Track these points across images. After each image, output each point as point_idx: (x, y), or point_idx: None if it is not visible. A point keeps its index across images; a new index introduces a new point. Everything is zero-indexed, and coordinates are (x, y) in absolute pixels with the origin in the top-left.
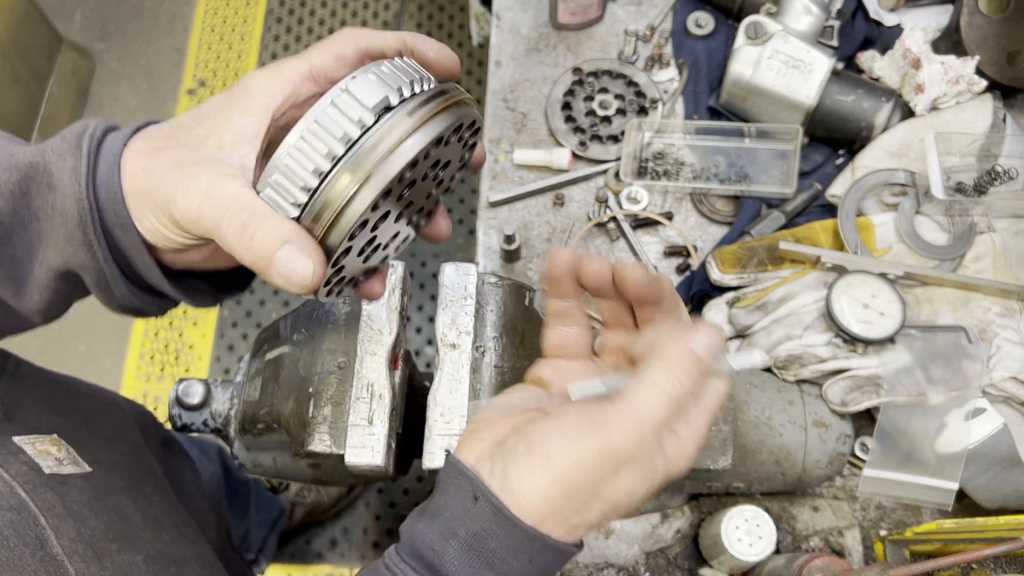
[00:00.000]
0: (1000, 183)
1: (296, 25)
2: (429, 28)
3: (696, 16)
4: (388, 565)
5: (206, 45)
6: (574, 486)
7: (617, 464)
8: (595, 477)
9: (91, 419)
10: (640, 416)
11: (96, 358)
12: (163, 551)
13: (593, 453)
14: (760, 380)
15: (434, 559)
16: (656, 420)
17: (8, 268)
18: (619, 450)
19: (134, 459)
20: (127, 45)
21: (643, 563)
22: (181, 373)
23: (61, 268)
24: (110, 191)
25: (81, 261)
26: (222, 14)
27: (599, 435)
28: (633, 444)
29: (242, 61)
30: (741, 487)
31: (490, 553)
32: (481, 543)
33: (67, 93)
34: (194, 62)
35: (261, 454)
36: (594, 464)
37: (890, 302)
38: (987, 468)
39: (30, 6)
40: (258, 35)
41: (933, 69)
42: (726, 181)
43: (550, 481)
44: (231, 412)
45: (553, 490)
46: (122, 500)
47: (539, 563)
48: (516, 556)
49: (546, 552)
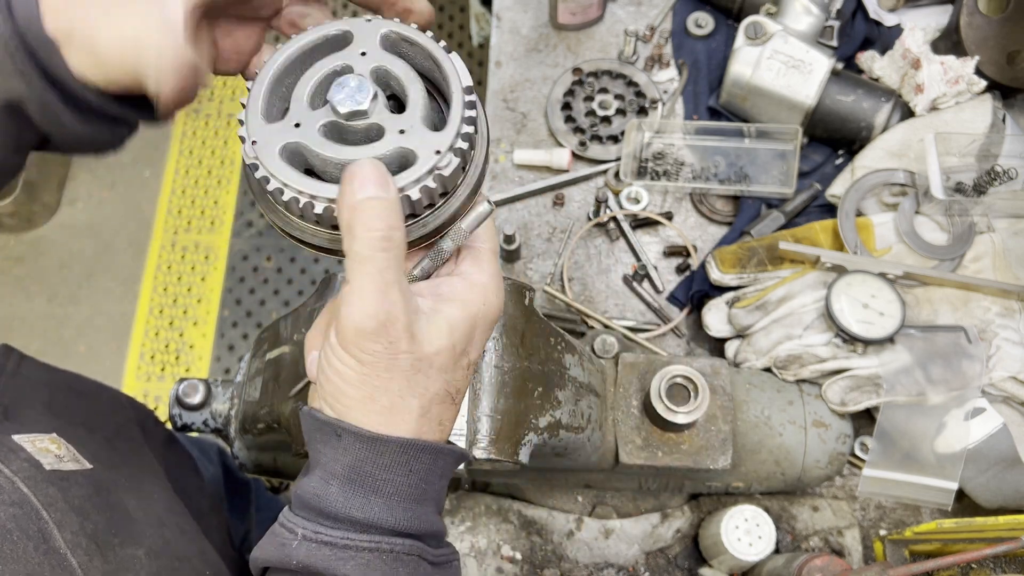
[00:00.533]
0: (1000, 183)
1: None
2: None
3: (696, 16)
4: (282, 523)
5: None
6: (376, 381)
7: (382, 339)
8: (378, 362)
9: (91, 419)
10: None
11: (97, 358)
12: (165, 547)
13: (354, 348)
14: (760, 380)
15: (321, 504)
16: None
17: None
18: (366, 329)
19: (135, 457)
20: None
21: (643, 563)
22: (181, 373)
23: (2, 101)
24: (30, 23)
25: (18, 90)
26: None
27: (345, 329)
28: (375, 318)
29: None
30: (741, 487)
31: (369, 477)
32: (358, 472)
33: None
34: None
35: (261, 454)
36: (365, 353)
37: (890, 302)
38: (986, 468)
39: None
40: None
41: (933, 69)
42: (726, 181)
43: (357, 388)
44: (231, 412)
45: (366, 393)
46: (123, 497)
47: (419, 470)
48: (394, 471)
49: (421, 455)
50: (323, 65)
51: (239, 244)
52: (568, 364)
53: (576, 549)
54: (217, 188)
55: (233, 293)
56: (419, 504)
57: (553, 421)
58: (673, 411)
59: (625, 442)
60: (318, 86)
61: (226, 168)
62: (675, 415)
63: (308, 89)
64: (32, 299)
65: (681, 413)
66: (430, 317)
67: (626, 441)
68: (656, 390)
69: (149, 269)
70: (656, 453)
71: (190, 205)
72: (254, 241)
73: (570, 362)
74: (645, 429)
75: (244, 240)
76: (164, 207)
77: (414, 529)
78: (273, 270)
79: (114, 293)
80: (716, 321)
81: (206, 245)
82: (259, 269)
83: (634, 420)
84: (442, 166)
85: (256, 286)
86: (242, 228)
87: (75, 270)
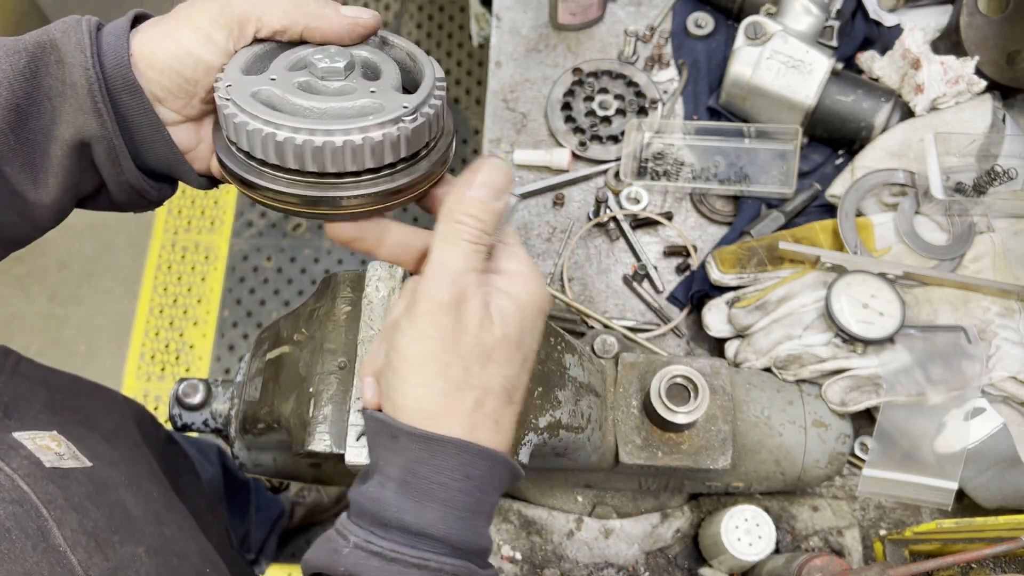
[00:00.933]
0: (999, 183)
1: None
2: (429, 28)
3: (696, 16)
4: (338, 528)
5: None
6: (438, 362)
7: (453, 314)
8: (447, 337)
9: (90, 417)
10: (443, 266)
11: (97, 358)
12: (165, 545)
13: (426, 319)
14: (760, 380)
15: (375, 508)
16: (460, 263)
17: (27, 152)
18: (443, 300)
19: (133, 456)
20: None
21: (643, 563)
22: (182, 373)
23: (75, 140)
24: (117, 56)
25: (92, 130)
26: None
27: (421, 301)
28: (452, 290)
29: None
30: (741, 487)
31: (425, 481)
32: (414, 475)
33: None
34: None
35: (261, 454)
36: (434, 327)
37: (890, 302)
38: (986, 468)
39: (31, 7)
40: None
41: (933, 69)
42: (726, 181)
43: (418, 373)
44: (231, 412)
45: (427, 379)
46: (123, 495)
47: (476, 476)
48: (450, 475)
49: (477, 461)
50: (307, 48)
51: (239, 244)
52: (568, 364)
53: (576, 549)
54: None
55: (233, 293)
56: (474, 516)
57: (553, 421)
58: (673, 411)
59: (625, 442)
60: (298, 60)
61: None
62: (675, 415)
63: (288, 60)
64: (32, 299)
65: (681, 413)
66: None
67: (626, 441)
68: (656, 390)
69: (149, 269)
70: (656, 453)
71: (190, 205)
72: (254, 241)
73: (570, 362)
74: (645, 429)
75: (244, 240)
76: (164, 207)
77: (464, 543)
78: (273, 270)
79: (114, 293)
80: (716, 321)
81: (206, 245)
82: (259, 269)
83: (634, 420)
84: (407, 120)
85: (256, 286)
86: (242, 228)
87: (75, 270)
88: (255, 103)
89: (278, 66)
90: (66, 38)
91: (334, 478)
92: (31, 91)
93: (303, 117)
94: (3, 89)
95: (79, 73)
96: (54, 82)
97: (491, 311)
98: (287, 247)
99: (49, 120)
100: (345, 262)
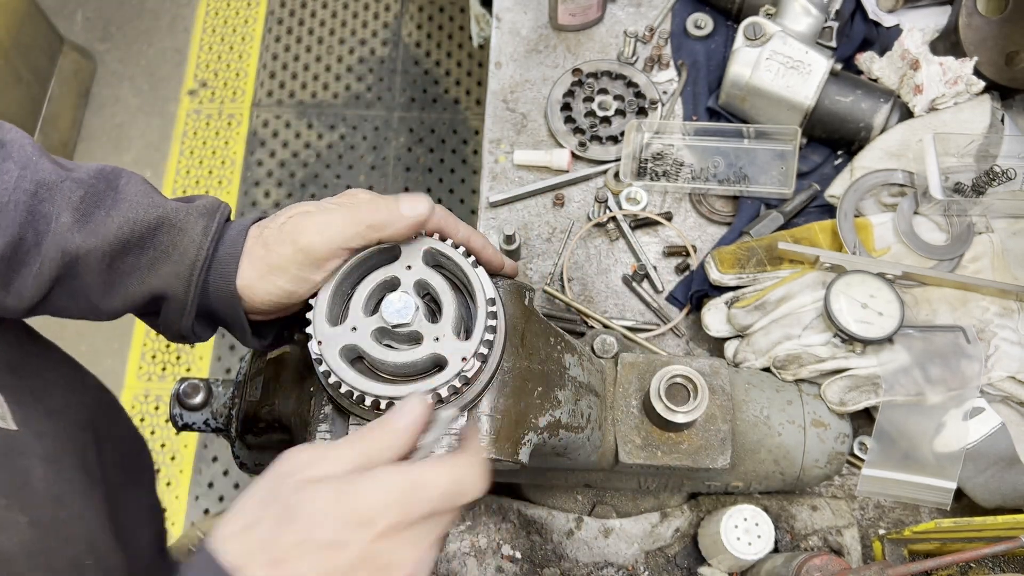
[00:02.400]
0: (998, 183)
1: (297, 26)
2: (429, 29)
3: (695, 17)
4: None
5: (207, 46)
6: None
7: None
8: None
9: (42, 389)
10: None
11: (98, 357)
12: (54, 524)
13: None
14: (759, 380)
15: None
16: None
17: (111, 276)
18: None
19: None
20: (128, 46)
21: (642, 562)
22: (182, 372)
23: (155, 292)
24: (232, 248)
25: (175, 293)
26: (223, 15)
27: None
28: None
29: (243, 62)
30: (740, 486)
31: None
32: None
33: (69, 94)
34: (195, 63)
35: (262, 453)
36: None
37: (889, 302)
38: (985, 467)
39: (32, 7)
40: (259, 36)
41: (931, 70)
42: (725, 182)
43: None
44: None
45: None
46: (32, 464)
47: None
48: None
49: None
50: (375, 276)
51: None
52: (568, 364)
53: (576, 548)
54: (218, 188)
55: None
56: None
57: (553, 421)
58: (673, 411)
59: (625, 441)
60: (371, 294)
61: (227, 168)
62: (675, 415)
63: (363, 297)
64: None
65: (680, 413)
66: None
67: (626, 440)
68: (656, 390)
69: None
70: (655, 452)
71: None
72: None
73: (570, 362)
74: (644, 429)
75: None
76: None
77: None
78: None
79: None
80: (715, 321)
81: None
82: None
83: (634, 420)
84: (467, 370)
85: None
86: None
87: None
88: (342, 364)
89: (356, 307)
90: (194, 220)
91: None
92: (146, 237)
93: (380, 370)
94: (126, 225)
95: (192, 248)
96: (168, 241)
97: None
98: None
99: (146, 265)
100: None
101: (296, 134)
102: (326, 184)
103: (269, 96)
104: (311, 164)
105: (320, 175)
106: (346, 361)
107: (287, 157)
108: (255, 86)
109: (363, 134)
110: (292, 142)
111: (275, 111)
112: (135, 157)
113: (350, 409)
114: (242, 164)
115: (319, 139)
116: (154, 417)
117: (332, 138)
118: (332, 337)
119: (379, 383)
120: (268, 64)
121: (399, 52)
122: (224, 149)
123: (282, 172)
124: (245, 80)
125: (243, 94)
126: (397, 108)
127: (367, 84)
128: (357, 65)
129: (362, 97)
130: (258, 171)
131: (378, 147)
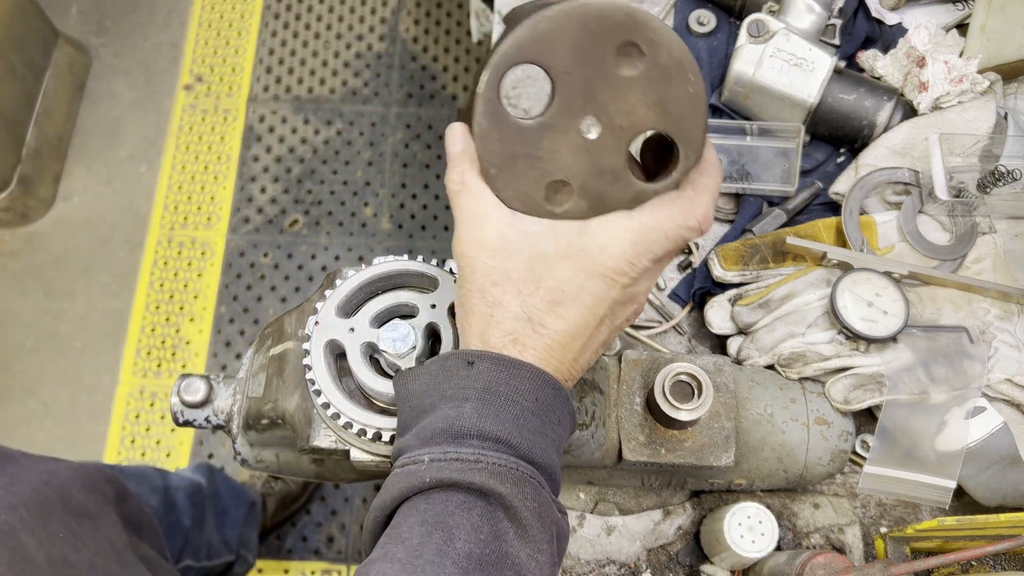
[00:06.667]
0: (1003, 184)
1: (294, 21)
2: (427, 25)
3: (698, 14)
4: (403, 462)
5: (203, 40)
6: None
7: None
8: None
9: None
10: None
11: (93, 353)
12: None
13: None
14: (763, 378)
15: (453, 426)
16: None
17: None
18: None
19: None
20: (124, 40)
21: (645, 559)
22: (178, 369)
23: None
24: None
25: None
26: (219, 9)
27: None
28: None
29: (239, 57)
30: (743, 484)
31: (502, 399)
32: (492, 394)
33: (63, 88)
34: (191, 57)
35: (264, 450)
36: None
37: (894, 301)
38: (987, 466)
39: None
40: (255, 30)
41: (937, 68)
42: (727, 179)
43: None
44: (234, 408)
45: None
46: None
47: (544, 401)
48: (524, 396)
49: (544, 387)
50: (401, 295)
51: (236, 240)
52: None
53: (578, 546)
54: (214, 184)
55: (230, 289)
56: (541, 437)
57: None
58: (677, 408)
59: (628, 439)
60: (384, 311)
61: (223, 164)
62: (679, 412)
63: (376, 309)
64: (27, 294)
65: (685, 410)
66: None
67: (629, 438)
68: (660, 387)
69: (145, 265)
70: (659, 450)
71: (186, 201)
72: (251, 237)
73: None
74: (648, 426)
75: (241, 236)
76: (160, 203)
77: (538, 458)
78: (270, 266)
79: (110, 289)
80: (718, 318)
81: (202, 241)
82: (256, 265)
83: (637, 417)
84: None
85: (253, 282)
86: (239, 224)
87: (71, 266)
88: (320, 353)
89: (367, 312)
90: None
91: (336, 474)
92: None
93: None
94: None
95: None
96: None
97: None
98: (284, 243)
99: None
100: (342, 258)
101: (292, 129)
102: (322, 180)
103: (265, 91)
104: (307, 160)
105: (317, 171)
106: (328, 354)
107: (283, 152)
108: (251, 81)
109: (360, 130)
110: (288, 137)
111: (271, 106)
112: (130, 152)
113: (313, 398)
114: (238, 159)
115: (316, 135)
116: (149, 413)
117: (329, 133)
118: (330, 325)
119: (341, 393)
120: (264, 59)
121: (396, 47)
122: (220, 144)
123: (278, 167)
124: (241, 75)
125: (239, 89)
126: (394, 104)
127: (364, 80)
128: (354, 60)
129: (359, 92)
130: (254, 166)
131: (375, 143)
